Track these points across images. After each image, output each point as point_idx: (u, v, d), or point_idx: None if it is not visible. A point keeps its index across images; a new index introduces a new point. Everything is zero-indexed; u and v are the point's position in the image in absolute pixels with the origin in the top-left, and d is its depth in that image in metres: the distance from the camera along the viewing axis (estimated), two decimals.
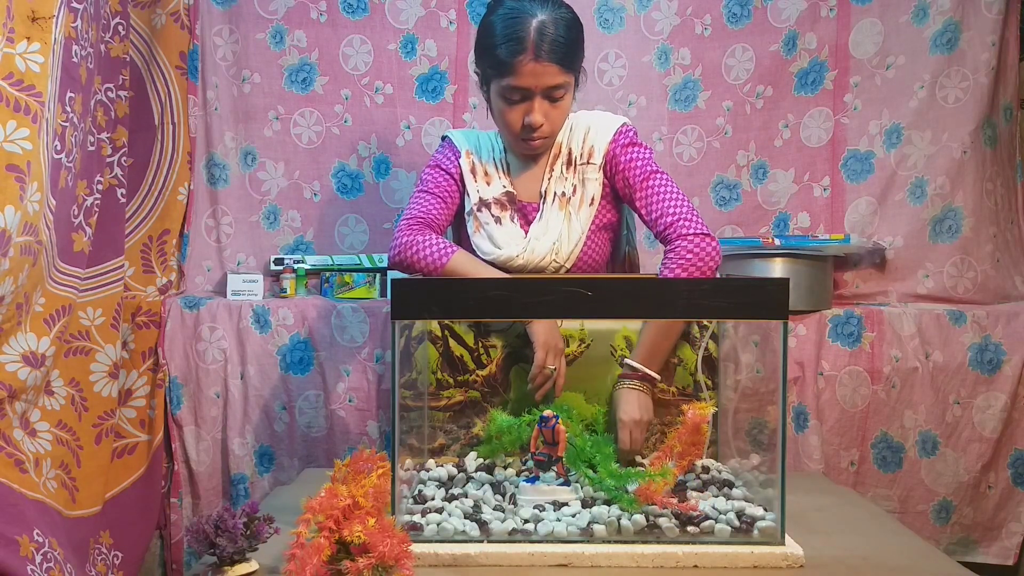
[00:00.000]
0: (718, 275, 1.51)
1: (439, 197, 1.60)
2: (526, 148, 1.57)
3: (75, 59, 1.55)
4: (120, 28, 1.84)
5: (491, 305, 1.15)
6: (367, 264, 2.15)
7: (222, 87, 2.16)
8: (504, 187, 1.62)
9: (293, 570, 0.95)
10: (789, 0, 2.16)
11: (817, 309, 1.99)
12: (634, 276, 1.74)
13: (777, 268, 2.00)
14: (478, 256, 1.59)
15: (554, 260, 1.57)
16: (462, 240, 1.68)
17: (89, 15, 1.62)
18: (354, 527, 0.99)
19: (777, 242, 2.01)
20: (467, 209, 1.62)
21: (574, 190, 1.59)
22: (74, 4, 1.53)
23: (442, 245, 1.53)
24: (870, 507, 1.50)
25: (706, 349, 1.50)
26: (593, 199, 1.59)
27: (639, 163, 1.55)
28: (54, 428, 1.64)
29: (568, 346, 1.53)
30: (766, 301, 1.12)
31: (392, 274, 2.13)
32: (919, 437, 1.96)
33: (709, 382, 1.49)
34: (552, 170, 1.60)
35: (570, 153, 1.60)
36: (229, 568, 1.08)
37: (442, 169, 1.63)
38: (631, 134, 1.59)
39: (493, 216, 1.59)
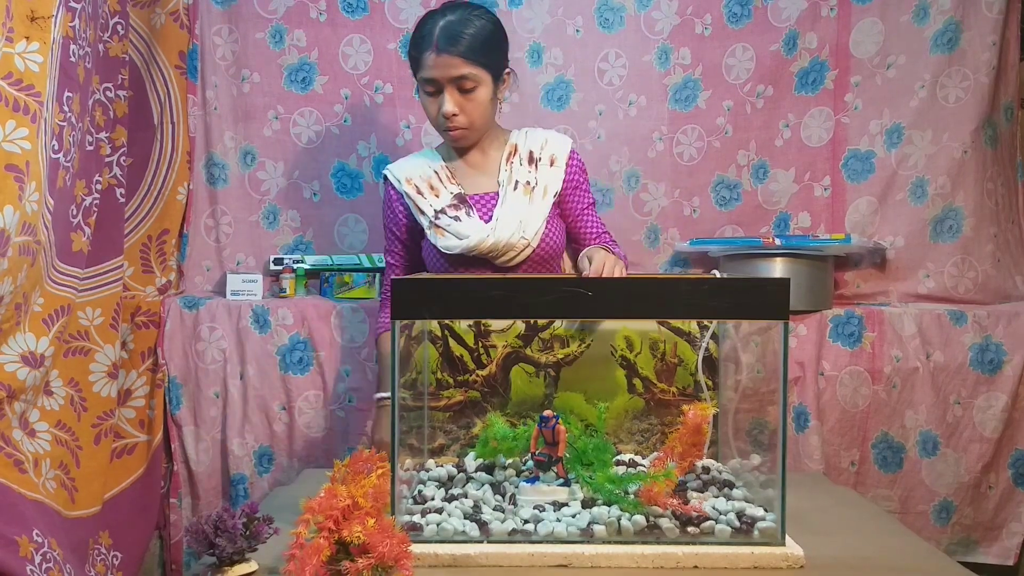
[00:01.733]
0: (717, 274, 1.51)
1: (400, 254, 1.74)
2: (450, 138, 1.68)
3: (73, 59, 1.55)
4: (119, 28, 1.84)
5: (491, 305, 1.14)
6: (367, 264, 2.15)
7: (221, 87, 2.16)
8: (451, 193, 1.68)
9: (293, 570, 0.95)
10: (789, 0, 2.16)
11: (818, 309, 1.99)
12: (634, 276, 1.74)
13: (778, 268, 1.99)
14: (445, 254, 1.64)
15: (522, 237, 1.62)
16: (424, 250, 1.70)
17: (87, 15, 1.62)
18: (354, 527, 0.99)
19: (778, 242, 2.01)
20: (425, 225, 1.66)
21: (536, 181, 1.69)
22: (72, 4, 1.53)
23: (383, 322, 1.72)
24: (870, 507, 1.50)
25: (706, 349, 1.50)
26: (554, 193, 1.69)
27: (585, 190, 1.75)
28: (53, 428, 1.64)
29: (568, 346, 1.53)
30: (766, 301, 1.12)
31: None
32: (920, 437, 1.96)
33: (709, 382, 1.49)
34: (511, 163, 1.71)
35: (531, 153, 1.72)
36: (229, 568, 1.08)
37: (391, 219, 1.73)
38: (580, 159, 1.76)
39: (452, 217, 1.64)
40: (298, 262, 2.15)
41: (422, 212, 1.67)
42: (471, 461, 1.42)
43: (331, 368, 1.97)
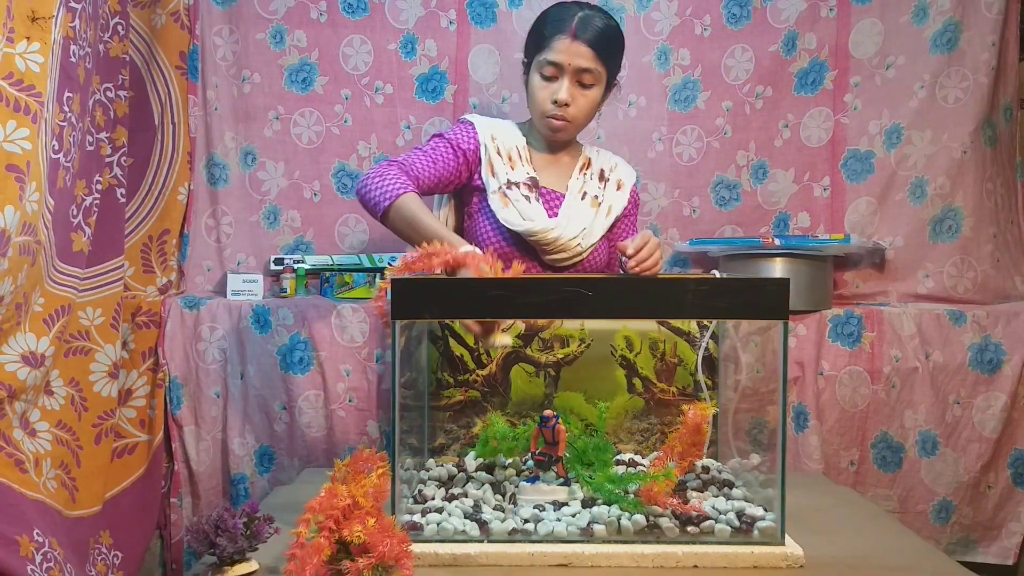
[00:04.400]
0: (717, 274, 1.51)
1: (432, 160, 1.66)
2: (550, 126, 1.67)
3: (73, 59, 1.55)
4: (120, 28, 1.84)
5: (491, 305, 1.15)
6: (367, 264, 2.15)
7: (222, 87, 2.16)
8: (528, 173, 1.70)
9: (293, 570, 0.95)
10: (789, 0, 2.16)
11: (817, 309, 1.99)
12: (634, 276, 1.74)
13: (777, 268, 2.00)
14: (500, 227, 1.65)
15: (580, 243, 1.66)
16: (475, 216, 1.71)
17: (87, 15, 1.62)
18: (354, 527, 0.99)
19: (777, 242, 2.01)
20: (492, 189, 1.67)
21: (603, 199, 1.73)
22: (72, 4, 1.53)
23: (397, 185, 1.55)
24: (870, 507, 1.50)
25: (706, 349, 1.50)
26: (615, 215, 1.75)
27: (634, 222, 1.83)
28: (54, 428, 1.64)
29: (568, 346, 1.53)
30: (766, 301, 1.12)
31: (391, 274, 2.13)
32: (919, 437, 1.96)
33: (709, 382, 1.49)
34: (584, 173, 1.75)
35: (602, 171, 1.77)
36: (229, 568, 1.08)
37: (451, 144, 1.69)
38: (638, 194, 1.85)
39: (523, 195, 1.66)
40: (298, 262, 2.15)
41: (493, 173, 1.67)
42: (471, 461, 1.42)
43: (331, 368, 1.97)
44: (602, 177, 1.76)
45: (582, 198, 1.71)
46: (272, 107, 2.17)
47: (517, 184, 1.66)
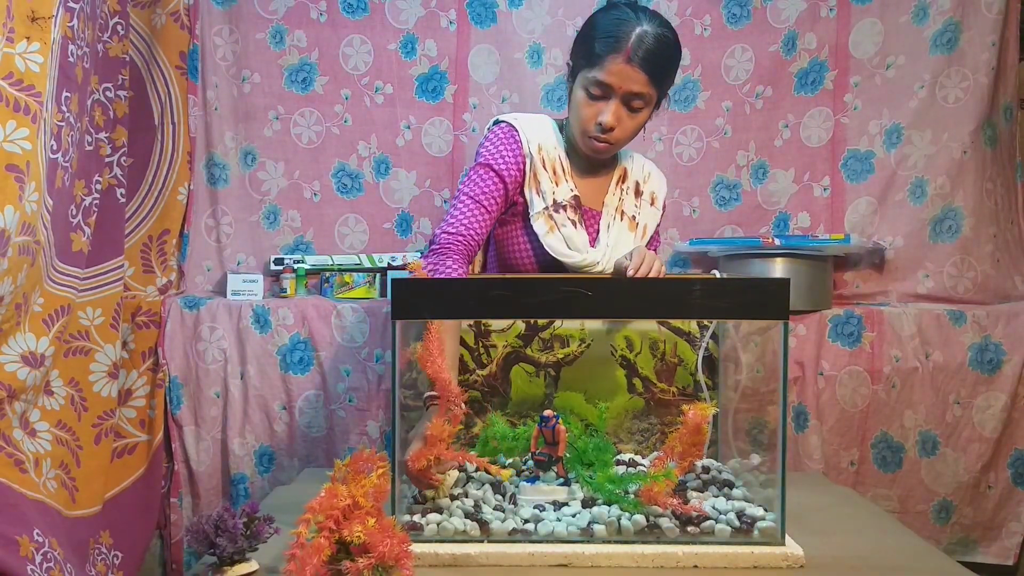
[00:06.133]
0: (717, 274, 1.51)
1: (487, 211, 1.56)
2: (591, 146, 1.57)
3: (71, 59, 1.55)
4: (119, 28, 1.84)
5: (491, 305, 1.15)
6: (367, 264, 2.15)
7: (222, 87, 2.16)
8: (571, 190, 1.61)
9: (293, 570, 0.95)
10: (789, 0, 2.16)
11: (817, 309, 1.99)
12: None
13: (777, 268, 2.00)
14: (552, 256, 1.57)
15: None
16: (509, 225, 1.63)
17: (86, 15, 1.62)
18: (354, 527, 0.99)
19: (777, 242, 2.01)
20: (537, 208, 1.58)
21: (639, 218, 1.68)
22: (71, 4, 1.53)
23: None
24: (870, 507, 1.50)
25: (706, 349, 1.50)
26: (650, 234, 1.69)
27: (658, 232, 1.75)
28: (54, 428, 1.64)
29: (568, 346, 1.53)
30: (766, 301, 1.12)
31: (392, 274, 2.13)
32: (919, 437, 1.96)
33: (709, 382, 1.49)
34: (621, 189, 1.67)
35: (637, 184, 1.69)
36: (229, 568, 1.08)
37: (500, 176, 1.58)
38: (666, 204, 1.77)
39: (569, 219, 1.58)
40: (298, 262, 2.15)
41: (538, 191, 1.58)
42: None
43: (331, 368, 1.97)
44: (638, 191, 1.67)
45: (620, 218, 1.64)
46: (272, 107, 2.17)
47: (564, 207, 1.57)
